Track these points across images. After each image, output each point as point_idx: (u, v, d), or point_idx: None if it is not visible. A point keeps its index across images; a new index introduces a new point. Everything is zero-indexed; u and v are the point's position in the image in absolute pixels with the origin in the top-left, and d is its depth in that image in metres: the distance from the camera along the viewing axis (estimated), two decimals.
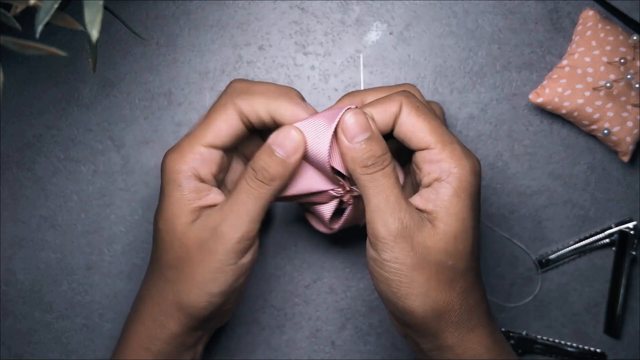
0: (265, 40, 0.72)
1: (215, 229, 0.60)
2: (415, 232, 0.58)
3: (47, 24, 0.51)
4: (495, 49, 0.72)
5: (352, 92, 0.64)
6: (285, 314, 0.73)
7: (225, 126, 0.61)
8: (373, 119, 0.60)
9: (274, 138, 0.60)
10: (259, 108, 0.61)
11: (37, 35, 0.50)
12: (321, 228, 0.66)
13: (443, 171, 0.59)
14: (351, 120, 0.59)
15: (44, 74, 0.72)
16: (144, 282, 0.65)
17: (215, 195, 0.62)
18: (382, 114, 0.60)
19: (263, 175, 0.60)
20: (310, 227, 0.67)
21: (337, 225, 0.65)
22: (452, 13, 0.71)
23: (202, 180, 0.61)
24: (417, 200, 0.60)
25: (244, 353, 0.73)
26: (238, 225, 0.60)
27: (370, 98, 0.63)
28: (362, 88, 0.71)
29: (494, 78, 0.72)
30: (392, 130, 0.61)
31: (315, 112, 0.61)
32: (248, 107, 0.61)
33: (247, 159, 0.66)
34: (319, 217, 0.65)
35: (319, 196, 0.63)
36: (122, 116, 0.72)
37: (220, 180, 0.64)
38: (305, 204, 0.65)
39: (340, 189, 0.62)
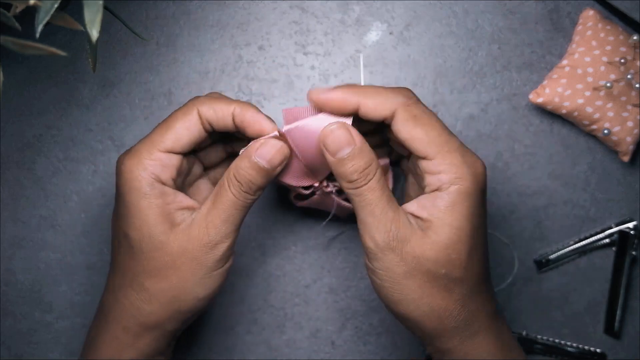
0: (265, 40, 0.72)
1: (203, 239, 0.60)
2: (404, 243, 0.58)
3: (47, 24, 0.51)
4: (495, 49, 0.72)
5: (350, 86, 0.62)
6: (285, 314, 0.73)
7: (186, 132, 0.61)
8: (357, 133, 0.60)
9: (259, 151, 0.60)
10: (222, 110, 0.61)
11: (37, 35, 0.50)
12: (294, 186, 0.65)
13: (443, 183, 0.59)
14: (333, 135, 0.59)
15: (44, 74, 0.72)
16: (108, 290, 0.64)
17: (182, 199, 0.62)
18: (372, 110, 0.60)
19: (249, 187, 0.60)
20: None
21: (301, 203, 0.67)
22: (452, 13, 0.71)
23: (164, 184, 0.61)
24: (414, 206, 0.60)
25: (244, 353, 0.73)
26: (227, 234, 0.60)
27: (368, 99, 0.61)
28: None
29: (494, 78, 0.72)
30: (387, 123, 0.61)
31: (274, 126, 0.62)
32: (210, 111, 0.61)
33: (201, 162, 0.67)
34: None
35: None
36: (122, 116, 0.72)
37: (179, 184, 0.64)
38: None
39: (309, 184, 0.65)
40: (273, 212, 0.72)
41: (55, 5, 0.51)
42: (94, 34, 0.51)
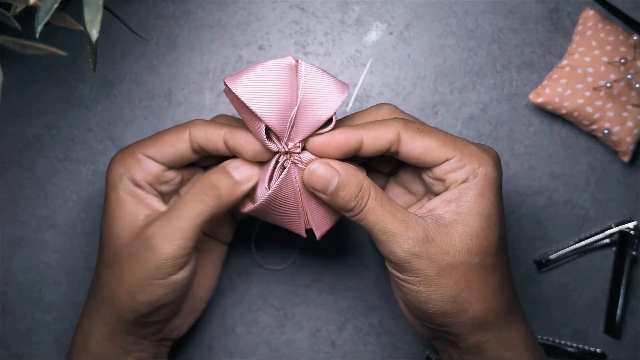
0: (265, 40, 0.72)
1: (148, 240, 0.60)
2: (428, 245, 0.58)
3: (47, 24, 0.51)
4: (495, 49, 0.72)
5: (345, 126, 0.61)
6: (285, 314, 0.73)
7: (170, 148, 0.62)
8: (335, 161, 0.59)
9: (232, 162, 0.61)
10: (213, 134, 0.61)
11: (37, 35, 0.50)
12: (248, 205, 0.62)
13: (469, 174, 0.59)
14: (315, 175, 0.59)
15: (44, 74, 0.72)
16: None
17: (153, 200, 0.62)
18: (376, 140, 0.59)
19: (211, 190, 0.60)
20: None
21: (252, 206, 0.61)
22: (452, 13, 0.71)
23: (137, 185, 0.62)
24: (436, 202, 0.60)
25: (244, 353, 0.73)
26: (171, 240, 0.59)
27: (370, 131, 0.60)
28: (357, 88, 0.71)
29: (494, 78, 0.72)
30: (385, 153, 0.60)
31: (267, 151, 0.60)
32: (202, 133, 0.61)
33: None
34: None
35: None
36: (122, 116, 0.72)
37: (167, 194, 0.64)
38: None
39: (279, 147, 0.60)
40: None
41: (55, 5, 0.51)
42: (94, 34, 0.51)
